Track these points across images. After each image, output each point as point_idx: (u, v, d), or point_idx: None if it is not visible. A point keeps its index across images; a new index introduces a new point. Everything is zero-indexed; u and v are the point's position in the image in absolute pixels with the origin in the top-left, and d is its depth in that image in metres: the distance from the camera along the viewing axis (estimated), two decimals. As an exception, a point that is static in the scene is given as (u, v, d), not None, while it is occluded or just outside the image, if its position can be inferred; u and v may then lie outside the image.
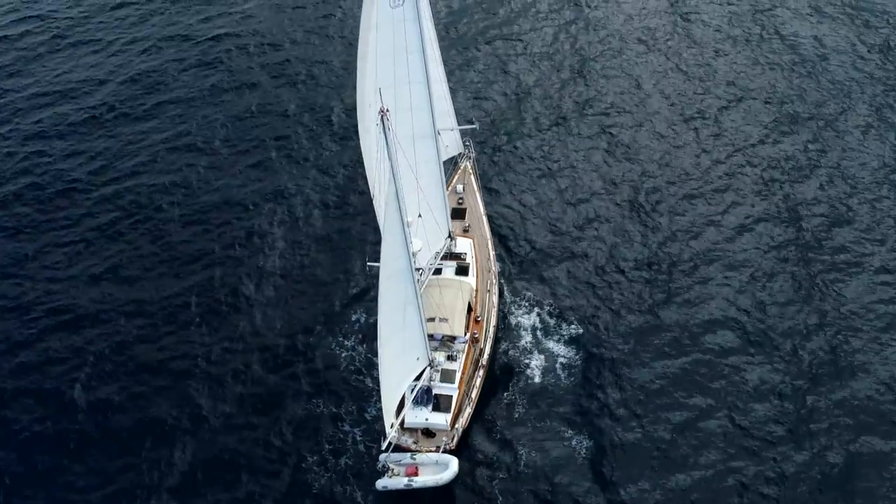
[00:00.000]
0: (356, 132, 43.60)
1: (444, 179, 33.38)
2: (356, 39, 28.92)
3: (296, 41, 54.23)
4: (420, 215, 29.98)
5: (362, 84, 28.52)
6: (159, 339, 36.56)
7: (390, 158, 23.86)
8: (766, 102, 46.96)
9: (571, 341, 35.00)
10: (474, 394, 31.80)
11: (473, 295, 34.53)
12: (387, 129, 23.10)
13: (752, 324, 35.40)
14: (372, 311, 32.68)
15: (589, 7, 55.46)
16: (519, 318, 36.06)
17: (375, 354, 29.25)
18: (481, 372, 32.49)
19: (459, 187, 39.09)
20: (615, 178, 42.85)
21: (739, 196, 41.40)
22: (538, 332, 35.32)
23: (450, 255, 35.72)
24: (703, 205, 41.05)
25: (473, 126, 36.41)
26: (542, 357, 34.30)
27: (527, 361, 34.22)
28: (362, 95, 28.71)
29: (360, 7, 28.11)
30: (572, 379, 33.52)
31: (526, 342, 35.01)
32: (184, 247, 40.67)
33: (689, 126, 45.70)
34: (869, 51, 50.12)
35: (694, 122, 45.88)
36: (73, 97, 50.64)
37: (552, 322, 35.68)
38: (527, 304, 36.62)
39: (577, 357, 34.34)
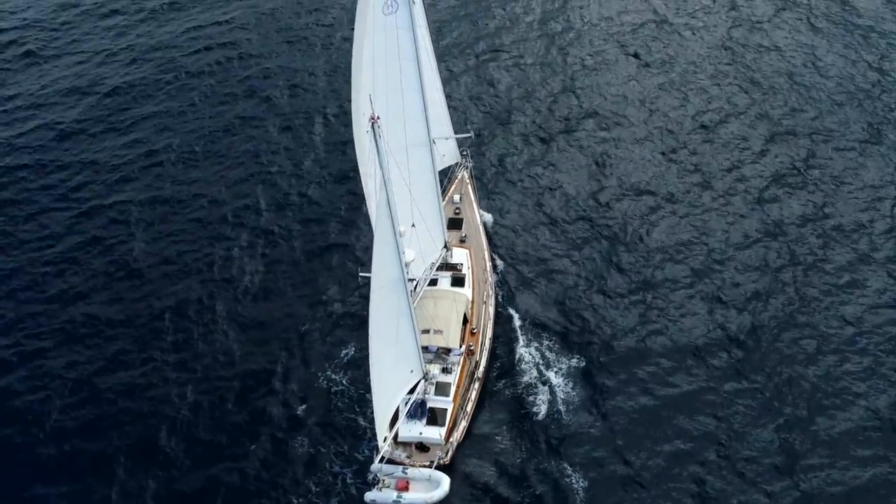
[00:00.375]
0: (342, 144, 43.46)
1: (439, 189, 32.96)
2: (345, 48, 28.53)
3: (284, 51, 53.59)
4: (413, 225, 29.46)
5: (357, 92, 28.12)
6: (134, 366, 35.14)
7: (381, 166, 23.38)
8: (759, 117, 45.97)
9: (566, 359, 34.29)
10: (469, 407, 31.21)
11: (469, 306, 33.99)
12: (377, 137, 22.62)
13: (747, 351, 34.12)
14: (363, 343, 30.99)
15: (581, 20, 54.62)
16: (511, 334, 35.45)
17: (368, 390, 28.18)
18: (477, 385, 31.91)
19: (456, 197, 38.62)
20: (604, 196, 41.69)
21: (733, 216, 40.11)
22: (533, 349, 34.63)
23: (445, 266, 35.20)
24: (696, 226, 39.81)
25: (469, 135, 35.96)
26: (537, 374, 33.50)
27: (521, 377, 33.51)
28: (357, 103, 28.29)
29: (350, 16, 27.74)
30: (568, 401, 32.61)
31: (521, 357, 34.35)
32: (159, 269, 39.28)
33: (680, 142, 44.75)
34: (864, 67, 49.10)
35: (686, 139, 44.92)
36: (53, 109, 50.04)
37: (546, 342, 34.84)
38: (519, 320, 35.98)
39: (573, 376, 33.57)
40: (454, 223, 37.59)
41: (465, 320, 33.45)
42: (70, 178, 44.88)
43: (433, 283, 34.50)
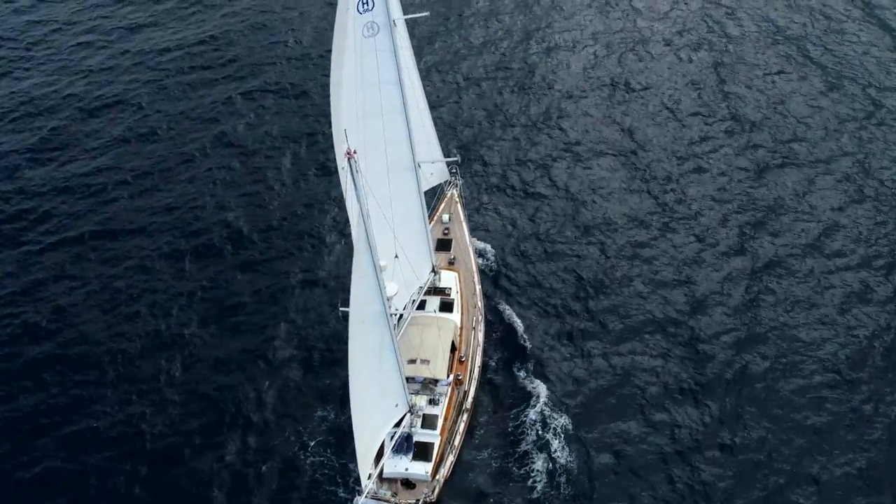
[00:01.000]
0: (318, 174, 41.77)
1: (426, 213, 31.81)
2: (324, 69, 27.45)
3: (262, 69, 52.28)
4: (396, 256, 28.36)
5: (337, 116, 26.98)
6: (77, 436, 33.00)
7: (359, 201, 22.28)
8: (753, 146, 44.51)
9: (558, 387, 33.33)
10: (457, 440, 30.14)
11: (458, 333, 32.89)
12: (354, 172, 21.53)
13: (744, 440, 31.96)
14: (345, 405, 29.35)
15: (573, 42, 53.15)
16: (500, 359, 34.40)
17: (352, 460, 26.91)
18: (465, 416, 30.84)
19: (445, 217, 37.48)
20: (595, 225, 40.35)
21: (734, 254, 38.53)
22: (523, 375, 33.60)
23: (434, 290, 34.11)
24: (690, 270, 37.96)
25: (455, 159, 34.84)
26: (528, 404, 32.46)
27: (511, 407, 32.47)
28: (338, 127, 27.14)
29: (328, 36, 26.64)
30: (560, 432, 31.55)
31: (512, 386, 33.31)
32: (126, 321, 37.40)
33: (672, 165, 43.47)
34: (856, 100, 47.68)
35: (674, 169, 43.39)
36: (27, 120, 49.00)
37: (537, 370, 33.81)
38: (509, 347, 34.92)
39: (566, 407, 32.58)
40: (443, 244, 36.48)
41: (454, 348, 32.36)
42: (31, 204, 43.44)
43: (421, 306, 33.45)
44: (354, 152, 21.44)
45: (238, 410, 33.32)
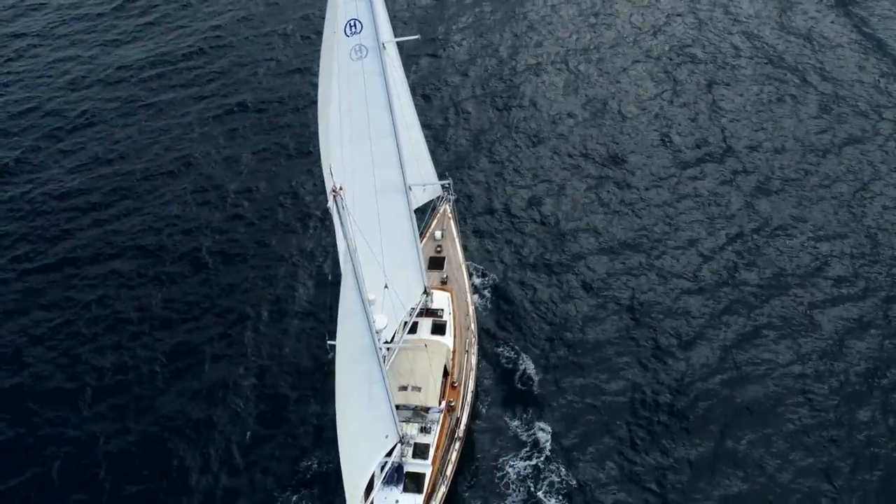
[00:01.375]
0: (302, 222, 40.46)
1: (417, 234, 30.96)
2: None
3: (246, 89, 51.19)
4: (386, 286, 27.52)
5: (325, 139, 26.03)
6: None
7: (346, 237, 21.44)
8: (747, 172, 43.06)
9: (553, 415, 32.61)
10: (449, 470, 29.37)
11: (450, 357, 32.08)
12: (340, 209, 20.68)
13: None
14: (331, 451, 28.23)
15: (564, 65, 51.65)
16: (493, 382, 33.65)
17: (340, 495, 25.97)
18: (457, 445, 30.05)
19: (438, 233, 36.61)
20: (582, 252, 39.08)
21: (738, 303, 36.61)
22: (516, 400, 32.89)
23: (426, 311, 33.30)
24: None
25: (447, 182, 33.96)
26: (522, 430, 31.80)
27: (505, 434, 31.74)
28: (326, 152, 26.20)
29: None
30: (556, 459, 30.93)
31: (505, 412, 32.57)
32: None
33: (662, 189, 42.11)
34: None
35: (669, 187, 42.23)
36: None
37: (531, 393, 33.14)
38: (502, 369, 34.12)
39: (561, 436, 31.91)
40: (435, 262, 35.65)
41: (446, 372, 31.57)
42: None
43: (413, 329, 32.65)
44: (340, 188, 20.56)
45: (206, 465, 31.79)
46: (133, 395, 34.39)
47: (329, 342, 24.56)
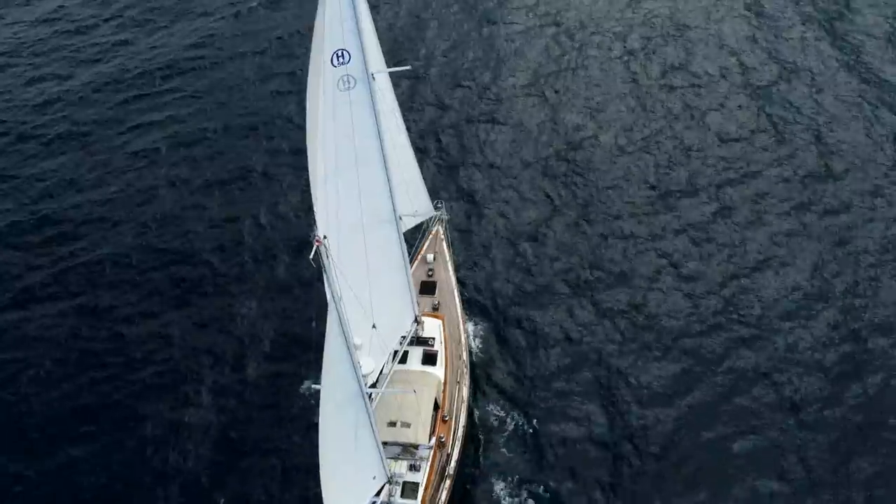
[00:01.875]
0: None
1: (407, 263, 29.89)
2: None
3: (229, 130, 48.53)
4: (374, 326, 26.44)
5: (314, 171, 24.85)
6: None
7: (330, 287, 20.38)
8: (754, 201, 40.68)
9: (550, 456, 31.60)
10: (440, 510, 28.47)
11: (441, 389, 31.03)
12: (324, 259, 19.61)
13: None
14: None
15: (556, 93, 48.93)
16: (486, 417, 32.55)
17: None
18: (448, 483, 29.07)
19: (430, 256, 35.46)
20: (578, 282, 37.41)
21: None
22: (510, 434, 31.90)
23: (416, 340, 32.23)
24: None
25: (439, 212, 32.86)
26: (515, 469, 30.80)
27: (497, 474, 30.70)
28: (315, 183, 25.03)
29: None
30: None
31: (498, 447, 31.57)
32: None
33: (662, 224, 39.77)
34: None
35: (670, 222, 39.82)
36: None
37: (529, 430, 32.06)
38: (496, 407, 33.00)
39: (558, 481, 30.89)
40: (426, 287, 34.54)
41: (436, 405, 30.53)
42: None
43: (403, 359, 31.60)
44: (324, 238, 19.49)
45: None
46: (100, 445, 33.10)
47: (313, 386, 23.50)
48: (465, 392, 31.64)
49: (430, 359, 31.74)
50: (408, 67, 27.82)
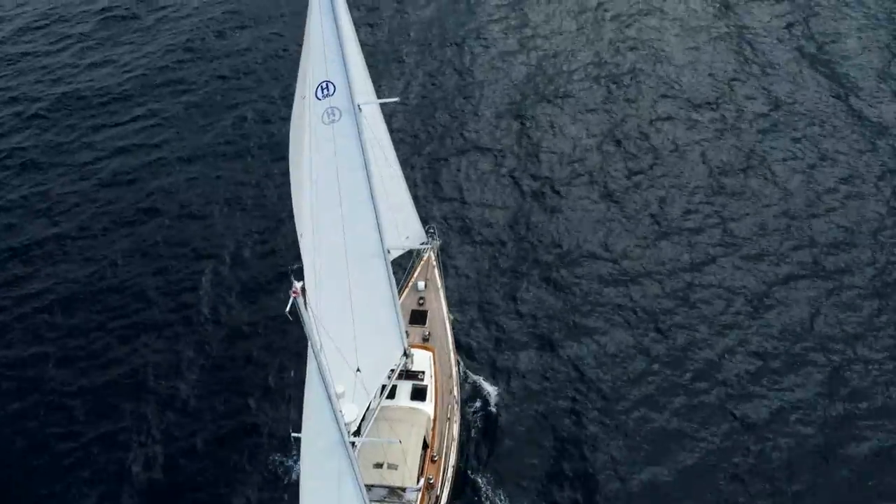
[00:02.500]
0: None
1: (396, 297, 28.65)
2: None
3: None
4: (358, 370, 25.24)
5: (298, 207, 23.68)
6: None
7: (309, 337, 19.20)
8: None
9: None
10: (427, 558, 27.32)
11: (430, 427, 29.83)
12: (301, 311, 18.43)
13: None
14: None
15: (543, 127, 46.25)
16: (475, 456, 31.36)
17: None
18: (436, 527, 27.97)
19: (420, 284, 34.23)
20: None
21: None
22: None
23: (406, 374, 31.03)
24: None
25: (430, 244, 31.68)
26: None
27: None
28: (300, 219, 23.85)
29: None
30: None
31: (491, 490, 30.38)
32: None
33: (664, 283, 37.27)
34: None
35: (670, 279, 37.44)
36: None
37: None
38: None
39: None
40: (417, 317, 33.30)
41: (425, 444, 29.33)
42: None
43: (391, 394, 30.40)
44: (302, 287, 18.33)
45: None
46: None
47: (293, 434, 22.30)
48: (456, 430, 30.46)
49: (419, 394, 30.55)
50: (396, 99, 26.66)
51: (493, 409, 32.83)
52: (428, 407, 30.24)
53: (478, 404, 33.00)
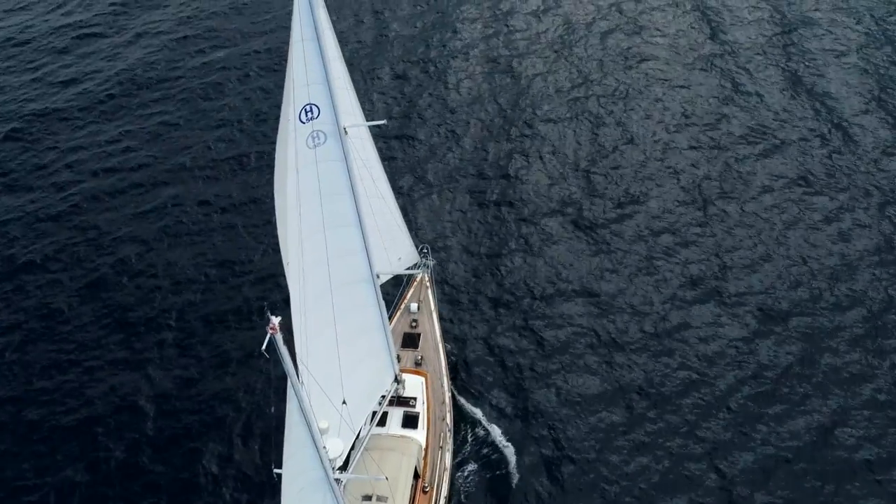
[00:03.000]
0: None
1: (386, 321, 27.75)
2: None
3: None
4: (344, 402, 24.36)
5: (283, 234, 22.85)
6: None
7: (288, 374, 18.38)
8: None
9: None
10: (417, 593, 26.38)
11: (422, 456, 28.89)
12: (279, 347, 17.60)
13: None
14: None
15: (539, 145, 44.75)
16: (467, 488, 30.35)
17: None
18: (427, 561, 27.03)
19: (413, 306, 33.37)
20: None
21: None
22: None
23: (397, 400, 30.12)
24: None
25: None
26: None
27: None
28: (285, 246, 23.00)
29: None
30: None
31: None
32: None
33: (653, 320, 35.54)
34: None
35: (663, 318, 35.61)
36: None
37: None
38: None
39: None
40: (409, 340, 32.42)
41: (417, 474, 28.41)
42: None
43: (382, 421, 29.48)
44: (278, 326, 17.50)
45: None
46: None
47: (276, 470, 21.42)
48: (448, 459, 29.54)
49: (410, 421, 29.62)
50: (384, 122, 25.82)
51: (488, 438, 31.84)
52: (420, 435, 29.31)
53: (469, 435, 31.95)
